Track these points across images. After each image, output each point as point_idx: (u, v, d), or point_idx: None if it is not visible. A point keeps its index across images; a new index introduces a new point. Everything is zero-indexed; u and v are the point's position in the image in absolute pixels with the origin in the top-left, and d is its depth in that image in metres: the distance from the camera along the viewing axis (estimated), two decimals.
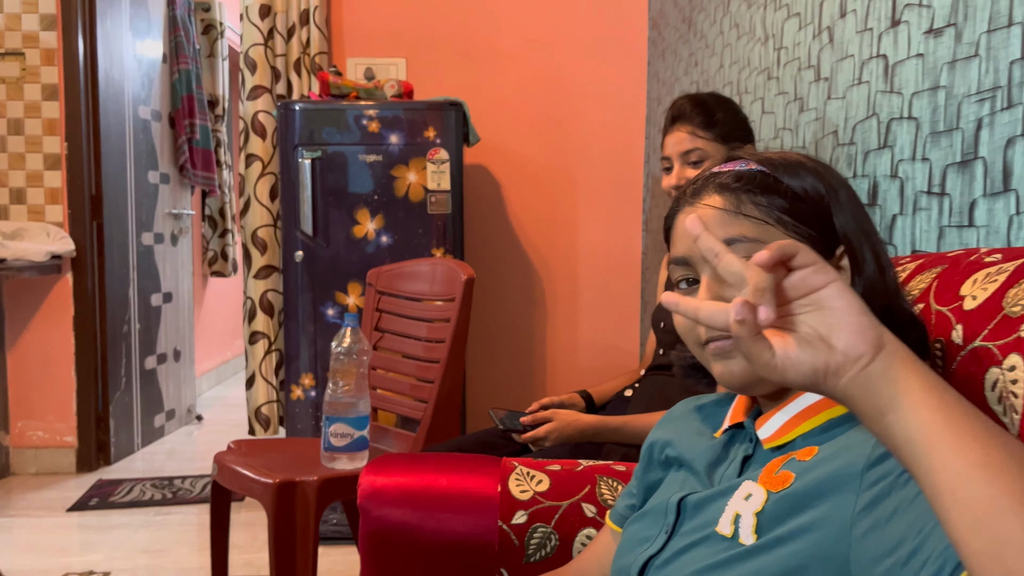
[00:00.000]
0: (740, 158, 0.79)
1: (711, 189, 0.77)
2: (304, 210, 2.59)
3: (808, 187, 0.75)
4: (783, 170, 0.76)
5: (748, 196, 0.75)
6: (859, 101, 1.33)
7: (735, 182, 0.75)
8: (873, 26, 1.28)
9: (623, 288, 3.28)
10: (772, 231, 0.73)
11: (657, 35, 3.07)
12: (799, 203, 0.74)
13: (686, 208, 0.78)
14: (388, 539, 1.13)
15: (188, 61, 3.88)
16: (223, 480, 1.82)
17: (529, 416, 1.51)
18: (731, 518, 0.71)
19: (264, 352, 3.06)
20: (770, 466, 0.71)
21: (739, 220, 0.74)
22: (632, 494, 0.93)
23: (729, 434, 0.82)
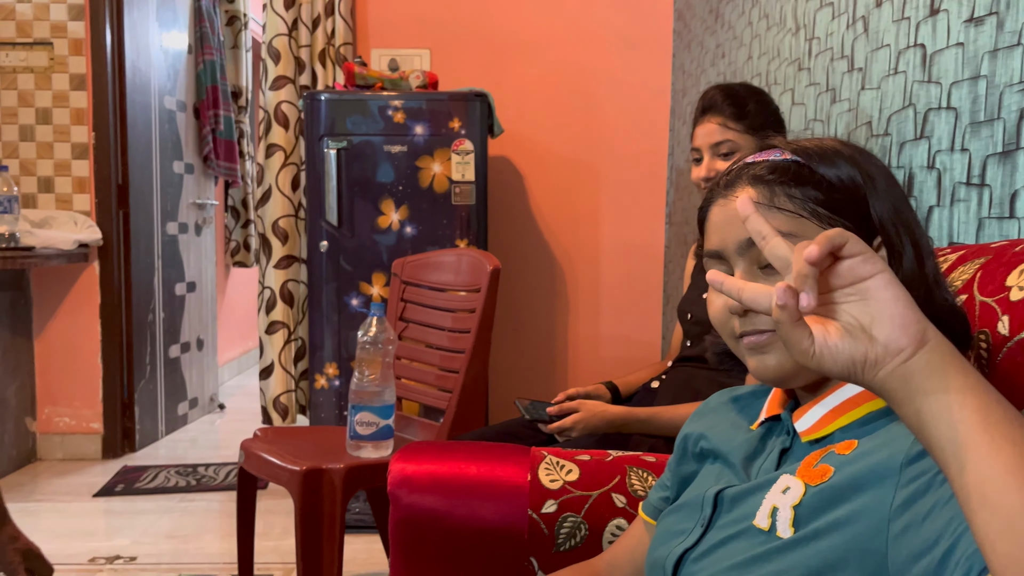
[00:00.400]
0: (774, 147, 0.77)
1: (744, 181, 0.76)
2: (329, 200, 2.60)
3: (844, 176, 0.74)
4: (818, 159, 0.74)
5: (782, 188, 0.73)
6: (895, 91, 1.31)
7: (769, 174, 0.74)
8: (911, 15, 1.26)
9: (645, 281, 3.27)
10: (806, 224, 0.72)
11: (683, 26, 3.05)
12: (834, 193, 0.73)
13: (719, 200, 0.77)
14: (418, 526, 1.14)
15: (213, 52, 3.90)
16: (250, 467, 1.84)
17: (555, 406, 1.51)
18: (768, 511, 0.70)
19: (283, 342, 3.08)
20: (808, 459, 0.71)
21: (772, 214, 0.73)
22: (666, 486, 0.93)
23: (766, 426, 0.81)
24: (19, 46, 3.19)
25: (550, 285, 3.28)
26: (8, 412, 3.08)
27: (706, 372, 1.51)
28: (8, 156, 3.21)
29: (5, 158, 3.21)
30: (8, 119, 3.21)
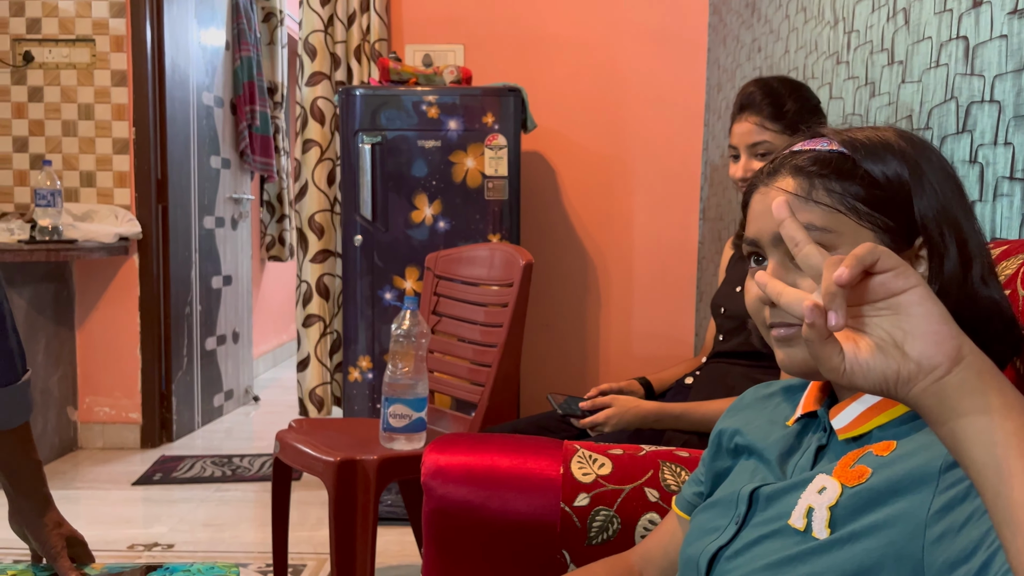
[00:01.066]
0: (823, 136, 0.76)
1: (786, 171, 0.75)
2: (364, 195, 2.63)
3: (889, 173, 0.72)
4: (865, 152, 0.73)
5: (821, 181, 0.72)
6: (936, 85, 1.29)
7: (811, 165, 0.73)
8: (953, 7, 1.24)
9: (679, 277, 3.25)
10: (843, 219, 0.71)
11: (718, 21, 3.02)
12: (876, 190, 0.71)
13: (761, 188, 0.76)
14: (451, 517, 1.15)
15: (249, 48, 3.95)
16: (285, 457, 1.86)
17: (588, 401, 1.51)
18: (804, 511, 0.70)
19: (319, 335, 3.11)
20: (845, 459, 0.70)
21: (809, 206, 0.72)
22: (700, 481, 0.92)
23: (802, 423, 0.80)
24: (62, 43, 3.25)
25: (582, 280, 3.28)
26: (51, 401, 3.15)
27: (740, 368, 1.50)
28: (51, 151, 3.29)
29: (48, 153, 3.29)
30: (51, 115, 3.28)
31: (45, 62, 3.26)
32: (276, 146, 4.29)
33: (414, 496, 2.09)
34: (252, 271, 4.38)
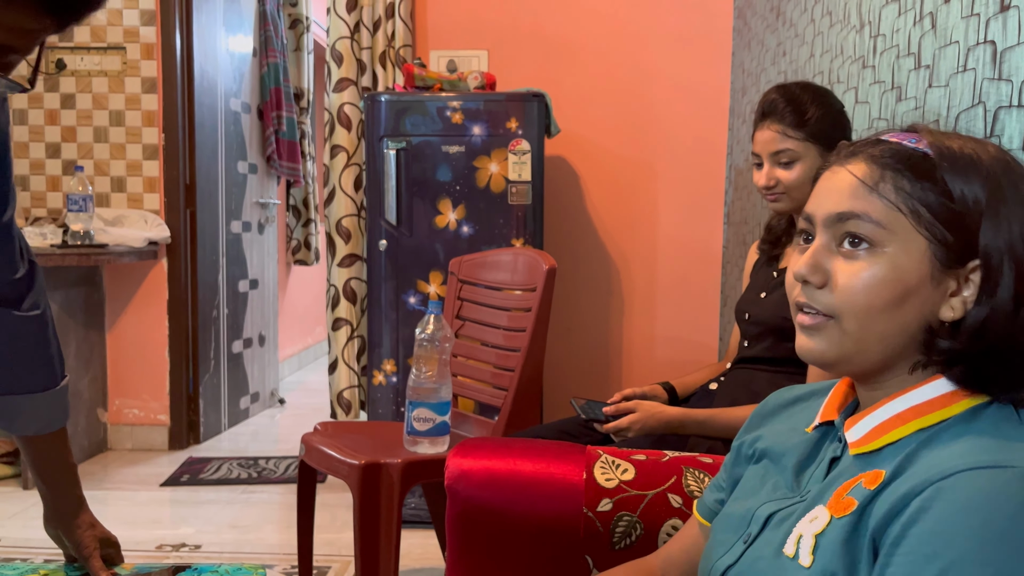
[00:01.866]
0: (916, 132, 0.74)
1: (863, 156, 0.73)
2: (388, 200, 2.65)
3: (968, 191, 0.69)
4: (950, 162, 0.70)
5: (892, 175, 0.71)
6: (963, 89, 1.28)
7: (888, 156, 0.72)
8: (980, 11, 1.23)
9: (703, 282, 3.24)
10: (901, 220, 0.69)
11: (743, 24, 3.01)
12: (948, 202, 0.69)
13: (834, 166, 0.75)
14: (475, 520, 1.16)
15: (276, 55, 4.00)
16: (310, 460, 1.88)
17: (612, 406, 1.51)
18: (795, 539, 0.71)
19: (347, 338, 3.13)
20: (840, 489, 0.70)
21: (871, 196, 0.71)
22: (721, 487, 0.93)
23: (821, 430, 0.80)
24: (94, 51, 3.31)
25: (605, 285, 3.28)
26: (81, 403, 3.21)
27: (766, 374, 1.49)
28: (83, 157, 3.35)
29: (80, 159, 3.35)
30: (83, 121, 3.34)
31: (77, 70, 3.32)
32: (302, 151, 4.33)
33: (437, 499, 2.10)
34: (278, 275, 4.43)
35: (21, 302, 1.10)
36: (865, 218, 0.71)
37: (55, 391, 1.14)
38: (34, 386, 1.11)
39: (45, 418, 1.13)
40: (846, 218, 0.72)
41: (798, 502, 0.75)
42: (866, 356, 0.72)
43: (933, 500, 0.61)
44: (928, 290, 0.70)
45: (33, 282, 1.11)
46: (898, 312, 0.70)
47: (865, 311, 0.70)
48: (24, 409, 1.12)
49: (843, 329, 0.71)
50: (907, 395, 0.71)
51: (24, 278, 1.10)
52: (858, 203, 0.71)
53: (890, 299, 0.70)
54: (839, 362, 0.73)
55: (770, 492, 0.80)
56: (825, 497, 0.71)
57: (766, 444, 0.86)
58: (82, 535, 1.15)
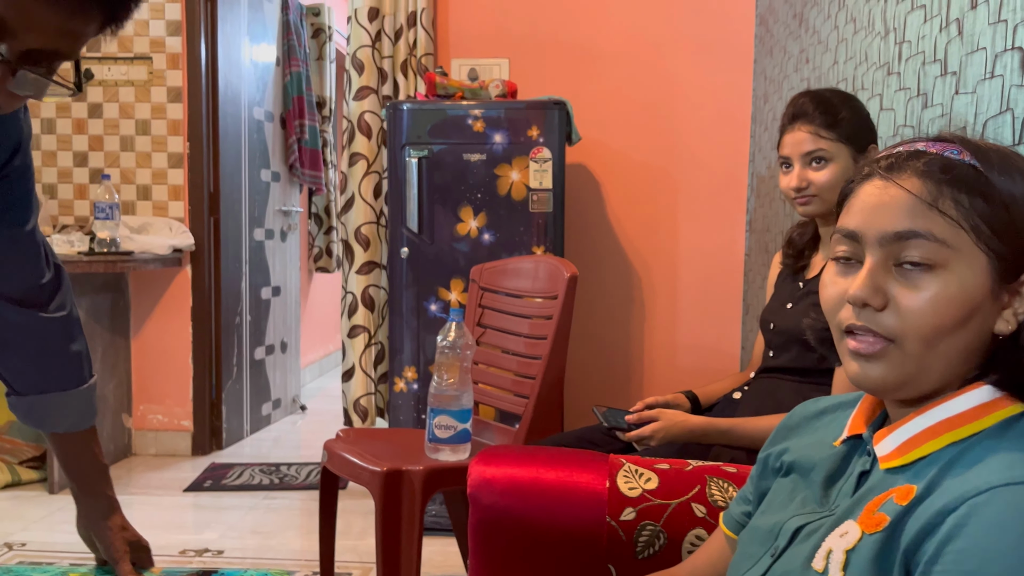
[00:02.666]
0: (951, 143, 0.72)
1: (911, 171, 0.70)
2: (410, 208, 2.66)
3: (1018, 192, 0.68)
4: (998, 170, 0.69)
5: (951, 191, 0.68)
6: (991, 96, 1.27)
7: (941, 171, 0.69)
8: (1007, 17, 1.22)
9: (725, 289, 3.22)
10: (963, 237, 0.68)
11: (765, 31, 3.00)
12: (1003, 212, 0.68)
13: (877, 180, 0.72)
14: (497, 528, 1.16)
15: (299, 64, 4.04)
16: (332, 466, 1.89)
17: (634, 415, 1.50)
18: (825, 553, 0.70)
19: (364, 345, 3.15)
20: (871, 504, 0.69)
21: (932, 214, 0.68)
22: (748, 500, 0.92)
23: (849, 444, 0.79)
24: (121, 61, 3.36)
25: (627, 293, 3.27)
26: (107, 409, 3.24)
27: (790, 384, 1.48)
28: (110, 165, 3.39)
29: (107, 167, 3.39)
30: (110, 130, 3.39)
31: (104, 79, 3.37)
32: (324, 159, 4.37)
33: (458, 507, 2.10)
34: (300, 282, 4.46)
35: (47, 305, 1.13)
36: (929, 236, 0.68)
37: (83, 389, 1.16)
38: (62, 384, 1.14)
39: (74, 416, 1.16)
40: (906, 237, 0.69)
41: (827, 516, 0.74)
42: (927, 377, 0.70)
43: (968, 517, 0.60)
44: (989, 305, 0.69)
45: (60, 285, 1.15)
46: (963, 331, 0.68)
47: (933, 333, 0.68)
48: (53, 407, 1.15)
49: (905, 352, 0.69)
50: (938, 408, 0.70)
51: (50, 282, 1.13)
52: (919, 221, 0.69)
53: (958, 318, 0.68)
54: (900, 387, 0.71)
55: (798, 506, 0.79)
56: (855, 512, 0.70)
57: (793, 457, 0.85)
58: (113, 537, 1.16)
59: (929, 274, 0.68)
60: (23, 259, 1.11)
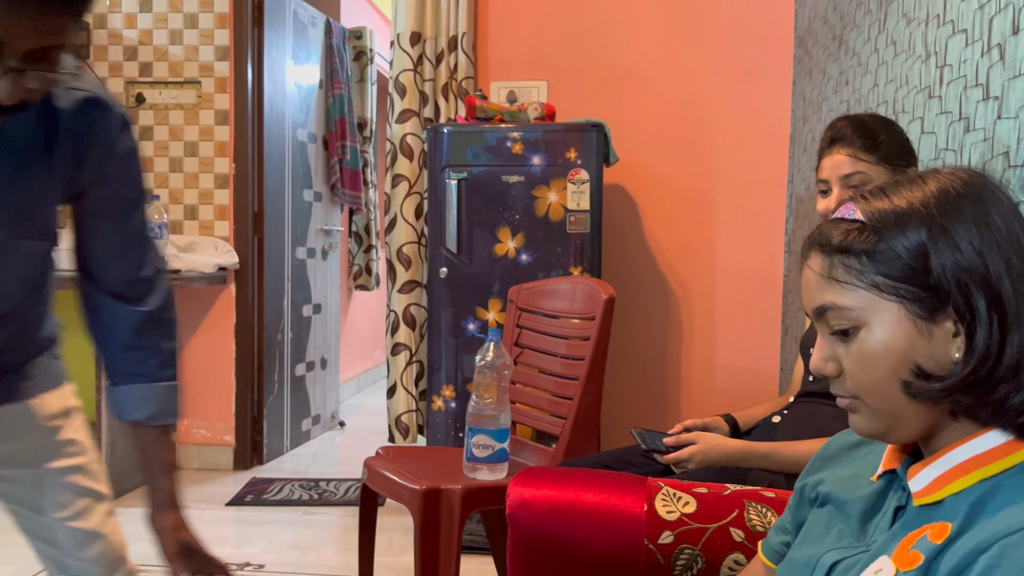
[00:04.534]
0: (851, 200, 0.76)
1: (815, 249, 0.76)
2: (449, 228, 2.70)
3: (909, 243, 0.71)
4: (884, 223, 0.72)
5: (840, 258, 0.73)
6: None
7: (831, 241, 0.74)
8: None
9: (763, 311, 3.21)
10: (866, 296, 0.72)
11: (804, 53, 3.00)
12: (896, 261, 0.71)
13: (804, 263, 0.78)
14: (536, 549, 1.17)
15: (341, 86, 4.12)
16: (372, 484, 1.92)
17: (673, 437, 1.51)
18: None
19: (405, 363, 3.18)
20: (905, 541, 0.70)
21: (831, 285, 0.74)
22: (786, 530, 0.92)
23: (886, 479, 0.79)
24: (171, 85, 3.47)
25: (664, 314, 3.26)
26: None
27: (831, 408, 1.47)
28: (159, 186, 3.49)
29: (156, 188, 3.49)
30: (160, 152, 3.49)
31: (155, 103, 3.48)
32: (364, 179, 4.44)
33: (496, 526, 2.12)
34: (340, 300, 4.52)
35: (141, 300, 1.20)
36: (834, 308, 0.74)
37: (163, 386, 1.21)
38: (144, 376, 1.20)
39: (149, 409, 1.21)
40: (821, 312, 0.75)
41: (863, 552, 0.75)
42: (908, 422, 0.73)
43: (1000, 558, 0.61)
44: (924, 344, 0.71)
45: (156, 284, 1.21)
46: (908, 374, 0.71)
47: (874, 385, 0.73)
48: (133, 397, 1.21)
49: (868, 406, 0.74)
50: (968, 444, 0.71)
51: (147, 279, 1.20)
52: (824, 295, 0.74)
53: (891, 368, 0.71)
54: (887, 434, 0.75)
55: (835, 540, 0.80)
56: (890, 548, 0.71)
57: (829, 488, 0.85)
58: (166, 536, 1.19)
59: (855, 337, 0.73)
60: (119, 253, 1.18)
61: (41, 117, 1.08)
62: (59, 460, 1.26)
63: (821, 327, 0.76)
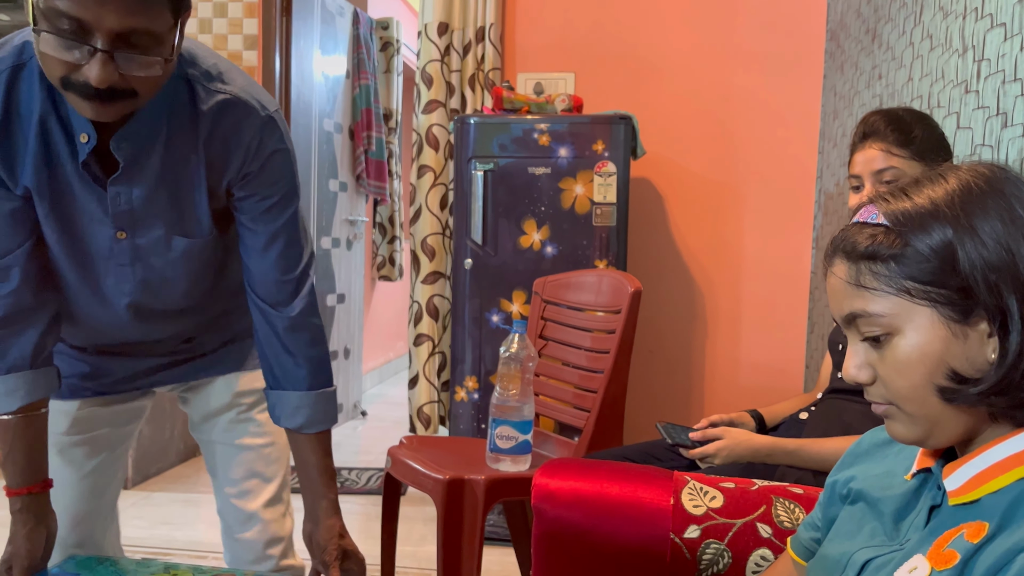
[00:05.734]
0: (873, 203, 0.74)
1: (839, 255, 0.74)
2: (475, 220, 2.70)
3: (934, 242, 0.69)
4: (908, 225, 0.70)
5: (867, 264, 0.71)
6: None
7: (856, 247, 0.72)
8: None
9: (790, 307, 3.18)
10: (897, 302, 0.70)
11: (835, 47, 2.96)
12: (924, 264, 0.69)
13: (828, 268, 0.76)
14: (560, 541, 1.17)
15: (368, 77, 4.13)
16: (396, 472, 1.93)
17: (699, 432, 1.50)
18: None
19: (428, 354, 3.19)
20: (941, 539, 0.69)
21: (861, 292, 0.72)
22: (816, 526, 0.91)
23: (920, 478, 0.78)
24: None
25: (689, 307, 3.25)
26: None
27: (859, 406, 1.46)
28: None
29: None
30: None
31: None
32: (389, 170, 4.45)
33: (517, 517, 2.12)
34: (363, 290, 4.54)
35: (284, 304, 1.21)
36: (864, 315, 0.72)
37: (316, 394, 1.23)
38: (293, 383, 1.22)
39: (302, 417, 1.22)
40: (852, 319, 0.73)
41: (896, 550, 0.74)
42: (945, 428, 0.72)
43: None
44: (960, 347, 0.69)
45: (300, 289, 1.22)
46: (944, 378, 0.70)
47: (911, 393, 0.71)
48: (284, 404, 1.22)
49: (907, 413, 0.73)
50: (1005, 443, 0.70)
51: (290, 283, 1.21)
52: (853, 303, 0.73)
53: (927, 373, 0.70)
54: (926, 440, 0.73)
55: (867, 538, 0.79)
56: (925, 547, 0.70)
57: (861, 486, 0.84)
58: (328, 541, 1.20)
59: (888, 344, 0.72)
60: (262, 256, 1.19)
61: (189, 117, 1.11)
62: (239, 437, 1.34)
63: (851, 333, 0.75)
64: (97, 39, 0.92)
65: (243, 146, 1.14)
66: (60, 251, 1.18)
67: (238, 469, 1.35)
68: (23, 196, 1.13)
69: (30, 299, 1.18)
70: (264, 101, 1.17)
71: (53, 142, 1.09)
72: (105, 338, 1.30)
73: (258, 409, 1.36)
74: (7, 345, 1.18)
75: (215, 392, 1.37)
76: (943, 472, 0.73)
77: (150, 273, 1.20)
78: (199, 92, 1.11)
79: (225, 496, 1.38)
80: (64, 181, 1.11)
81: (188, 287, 1.24)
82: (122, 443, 1.43)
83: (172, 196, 1.14)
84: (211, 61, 1.15)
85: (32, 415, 1.21)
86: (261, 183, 1.17)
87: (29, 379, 1.19)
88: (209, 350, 1.36)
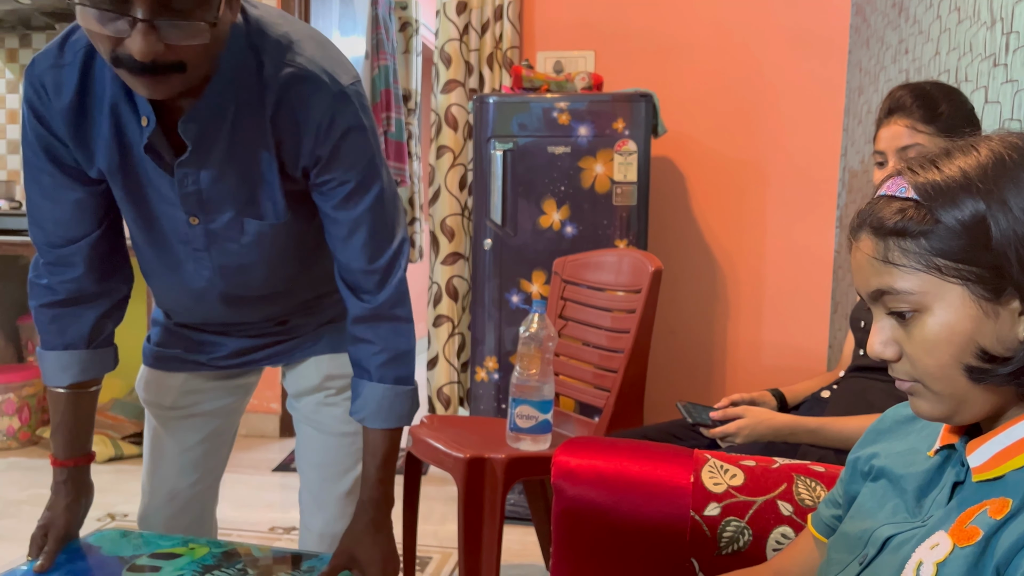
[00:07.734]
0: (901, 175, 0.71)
1: (865, 229, 0.72)
2: (494, 200, 2.69)
3: (965, 216, 0.67)
4: (939, 199, 0.68)
5: (895, 240, 0.69)
6: None
7: (884, 222, 0.70)
8: None
9: (812, 287, 3.15)
10: (927, 279, 0.68)
11: (861, 22, 2.91)
12: (955, 240, 0.67)
13: (853, 242, 0.74)
14: (580, 519, 1.17)
15: (387, 57, 4.11)
16: (417, 451, 1.94)
17: (719, 411, 1.49)
18: (915, 565, 0.69)
19: (448, 335, 3.20)
20: (965, 514, 0.68)
21: (889, 268, 0.70)
22: (837, 503, 0.91)
23: (943, 454, 0.77)
24: None
25: (710, 287, 3.23)
26: None
27: (882, 384, 1.44)
28: None
29: None
30: None
31: None
32: (408, 151, 4.44)
33: (537, 496, 2.13)
34: None
35: (368, 294, 1.16)
36: (892, 292, 0.70)
37: (385, 387, 1.18)
38: (368, 373, 1.18)
39: (368, 410, 1.18)
40: (878, 296, 0.72)
41: (918, 527, 0.73)
42: (973, 403, 0.71)
43: None
44: (990, 326, 0.67)
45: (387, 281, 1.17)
46: (973, 357, 0.68)
47: (940, 371, 0.70)
48: (358, 393, 1.19)
49: (933, 391, 0.71)
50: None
51: (376, 272, 1.15)
52: (881, 279, 0.71)
53: (955, 352, 0.68)
54: (952, 417, 0.72)
55: (889, 514, 0.78)
56: (947, 523, 0.69)
57: (883, 463, 0.83)
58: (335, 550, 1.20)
59: (916, 321, 0.70)
60: (346, 241, 1.13)
61: (257, 94, 1.04)
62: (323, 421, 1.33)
63: (877, 309, 0.73)
64: (136, 7, 0.87)
65: (313, 124, 1.05)
66: (139, 234, 1.17)
67: (318, 454, 1.33)
68: (96, 181, 1.11)
69: (93, 286, 1.18)
70: (336, 73, 1.06)
71: (124, 124, 1.05)
72: (197, 317, 1.29)
73: (346, 395, 1.30)
74: (66, 323, 1.19)
75: (306, 372, 1.34)
76: (967, 448, 0.72)
77: (226, 259, 1.16)
78: (267, 66, 1.03)
79: (304, 480, 1.37)
80: (138, 165, 1.08)
81: (267, 273, 1.19)
82: (226, 420, 1.42)
83: (242, 177, 1.09)
84: (282, 30, 1.06)
85: (83, 392, 1.23)
86: (336, 166, 1.08)
87: (84, 358, 1.21)
88: (305, 332, 1.33)
